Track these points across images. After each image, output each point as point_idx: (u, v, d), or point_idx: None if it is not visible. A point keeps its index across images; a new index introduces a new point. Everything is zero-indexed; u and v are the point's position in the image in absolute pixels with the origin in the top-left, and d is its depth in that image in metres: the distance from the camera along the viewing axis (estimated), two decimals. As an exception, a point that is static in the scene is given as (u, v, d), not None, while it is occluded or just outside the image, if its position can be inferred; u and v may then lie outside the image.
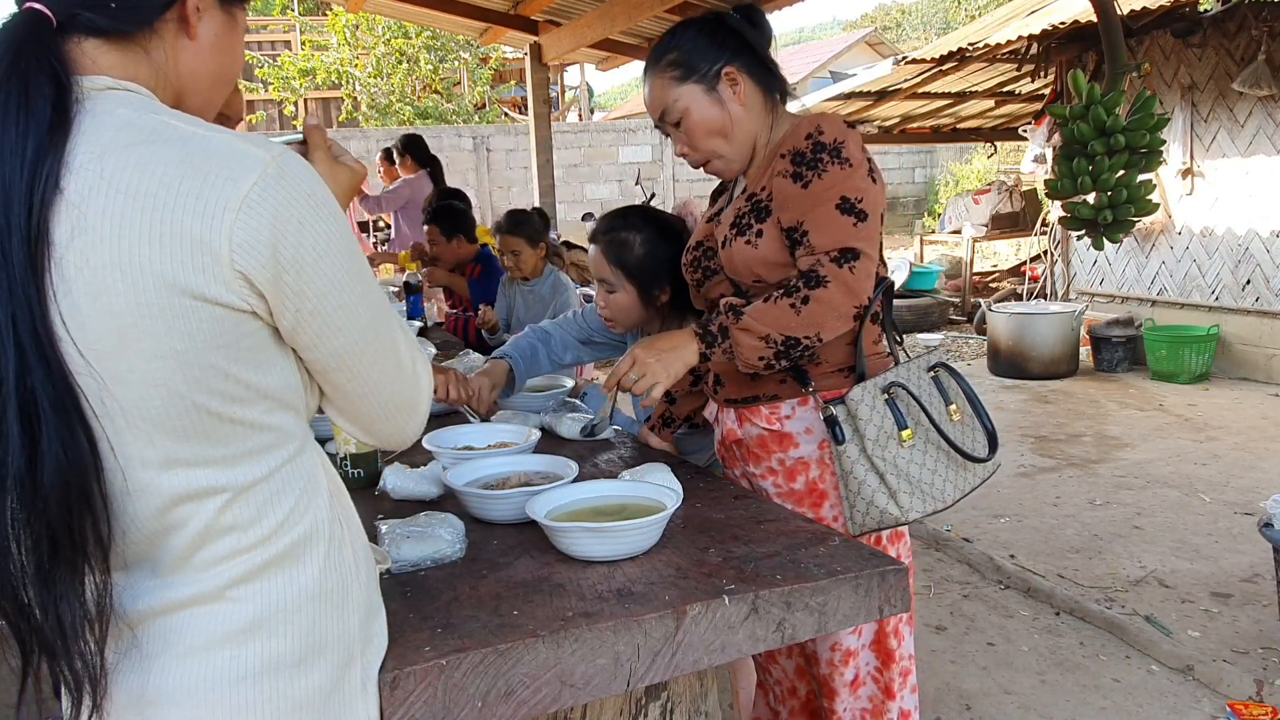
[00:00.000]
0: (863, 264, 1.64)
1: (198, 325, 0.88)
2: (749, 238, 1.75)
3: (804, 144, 1.67)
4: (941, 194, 16.56)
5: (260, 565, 0.97)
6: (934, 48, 7.61)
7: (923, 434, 1.71)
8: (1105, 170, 3.36)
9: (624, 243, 2.14)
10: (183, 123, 0.92)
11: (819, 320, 1.63)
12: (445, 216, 4.55)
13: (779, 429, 1.80)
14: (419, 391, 1.07)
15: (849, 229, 1.64)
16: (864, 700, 1.83)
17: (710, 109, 1.76)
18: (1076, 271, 7.82)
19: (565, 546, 1.42)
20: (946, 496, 1.71)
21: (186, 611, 0.95)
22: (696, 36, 1.77)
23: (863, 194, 1.65)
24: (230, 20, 1.04)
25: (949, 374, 1.79)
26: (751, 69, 1.78)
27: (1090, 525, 4.13)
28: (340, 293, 0.95)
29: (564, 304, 3.87)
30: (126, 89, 0.95)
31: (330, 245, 0.94)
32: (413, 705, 1.09)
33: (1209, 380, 6.59)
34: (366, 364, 1.00)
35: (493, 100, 19.10)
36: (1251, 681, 2.77)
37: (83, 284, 0.86)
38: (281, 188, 0.89)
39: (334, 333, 0.96)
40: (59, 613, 0.88)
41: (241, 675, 0.96)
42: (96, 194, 0.86)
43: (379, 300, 1.00)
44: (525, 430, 2.05)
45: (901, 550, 1.85)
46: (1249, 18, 5.94)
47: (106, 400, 0.89)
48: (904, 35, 32.89)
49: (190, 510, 0.94)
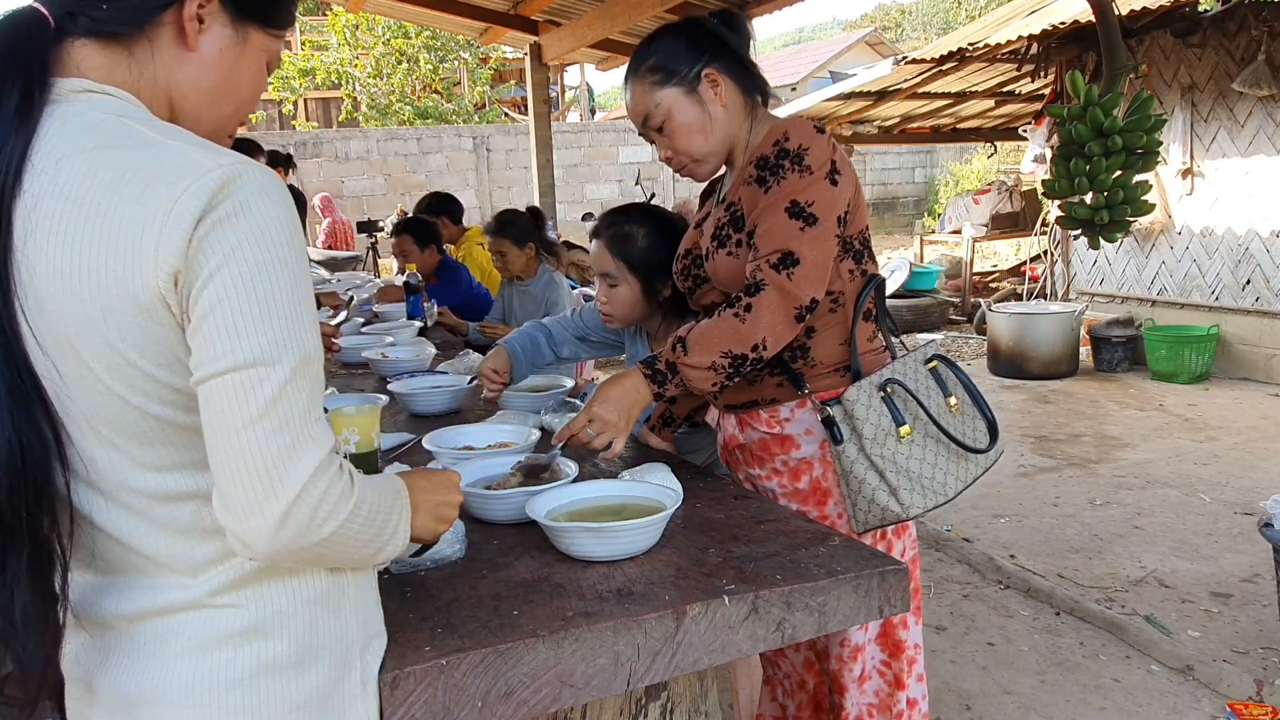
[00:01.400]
0: (803, 269, 1.63)
1: (136, 338, 0.86)
2: (730, 249, 1.77)
3: (770, 150, 1.69)
4: (941, 194, 16.57)
5: (252, 570, 0.96)
6: (934, 48, 7.60)
7: (921, 428, 1.72)
8: (1102, 171, 3.37)
9: (627, 236, 2.15)
10: (147, 129, 0.90)
11: (761, 328, 1.63)
12: (416, 228, 4.65)
13: (779, 432, 1.81)
14: (284, 469, 0.85)
15: (793, 233, 1.64)
16: (870, 695, 1.84)
17: (691, 110, 1.76)
18: (1076, 271, 7.83)
19: (565, 546, 1.42)
20: (948, 490, 1.72)
21: (182, 614, 0.95)
22: (674, 41, 1.78)
23: (815, 197, 1.65)
24: (239, 39, 1.01)
25: (947, 366, 1.79)
26: (731, 71, 1.78)
27: (1090, 525, 4.13)
28: (225, 298, 0.84)
29: (554, 301, 3.88)
30: (106, 92, 0.93)
31: (239, 249, 0.85)
32: (413, 705, 1.09)
33: (1209, 380, 6.59)
34: (224, 394, 0.85)
35: (493, 100, 19.12)
36: (1251, 681, 2.77)
37: (33, 290, 0.86)
38: (214, 190, 0.85)
39: (202, 339, 0.85)
40: (11, 599, 0.87)
41: (238, 677, 0.95)
42: (46, 198, 0.86)
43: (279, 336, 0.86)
44: (525, 430, 2.05)
45: (906, 543, 1.86)
46: (1249, 18, 5.94)
47: (66, 401, 0.89)
48: (904, 35, 32.91)
49: (169, 513, 0.94)
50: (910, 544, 1.87)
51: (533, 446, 1.93)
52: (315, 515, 0.87)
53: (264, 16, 1.04)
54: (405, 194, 14.33)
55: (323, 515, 0.87)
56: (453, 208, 5.29)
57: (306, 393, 0.88)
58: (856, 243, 1.78)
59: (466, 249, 5.17)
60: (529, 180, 8.76)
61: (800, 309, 1.65)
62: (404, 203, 13.21)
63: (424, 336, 3.81)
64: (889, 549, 1.82)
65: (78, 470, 0.92)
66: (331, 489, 0.88)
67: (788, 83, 22.45)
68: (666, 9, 5.23)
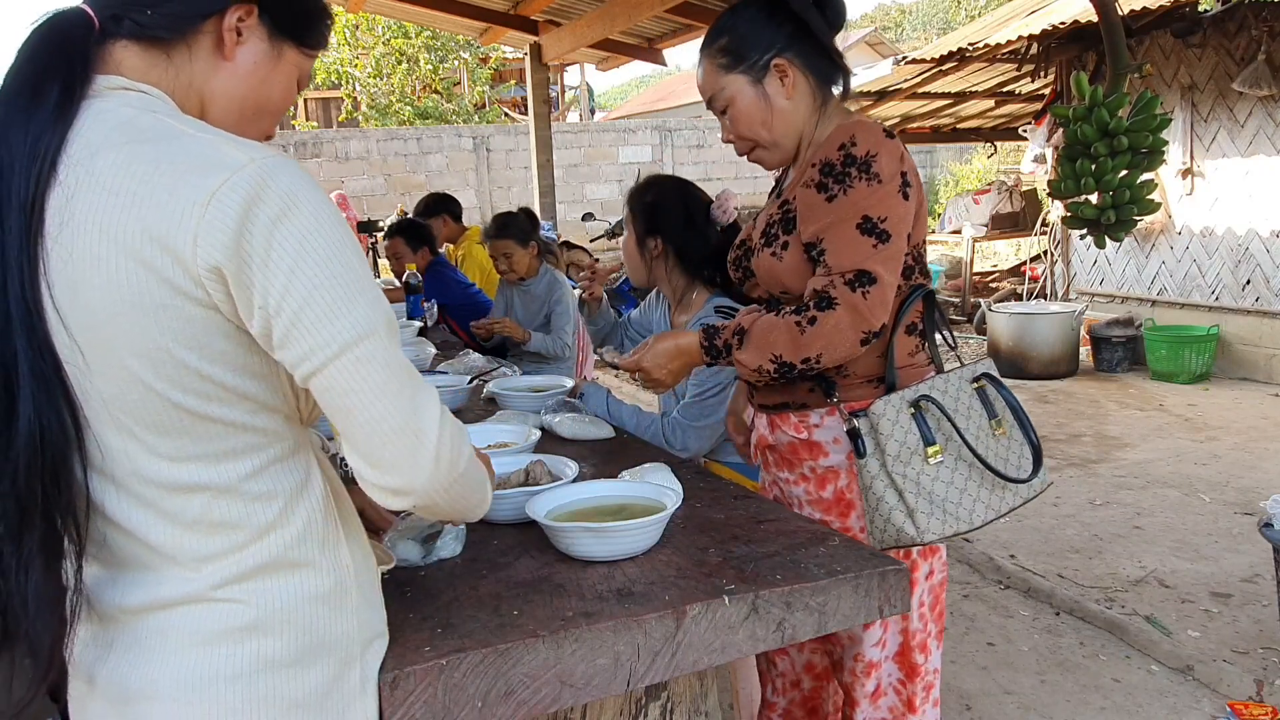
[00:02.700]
0: (878, 290, 1.56)
1: (170, 324, 0.89)
2: (774, 249, 1.71)
3: (835, 155, 1.61)
4: (941, 194, 16.55)
5: (255, 566, 0.97)
6: (934, 48, 7.61)
7: (954, 451, 1.62)
8: (1108, 171, 3.37)
9: (641, 190, 2.43)
10: (179, 123, 0.93)
11: (821, 344, 1.58)
12: (408, 230, 4.69)
13: (807, 437, 1.76)
14: (420, 418, 0.94)
15: (867, 251, 1.57)
16: (884, 711, 1.80)
17: (755, 101, 1.70)
18: (1076, 271, 7.83)
19: (565, 546, 1.42)
20: (974, 518, 1.61)
21: (183, 608, 0.96)
22: (753, 19, 1.69)
23: (888, 213, 1.57)
24: (274, 54, 1.05)
25: (995, 387, 1.69)
26: (807, 58, 1.69)
27: (1090, 525, 4.13)
28: (313, 291, 0.89)
29: (559, 301, 3.87)
30: (140, 90, 0.97)
31: (305, 244, 0.89)
32: (413, 705, 1.09)
33: (1209, 380, 6.59)
34: (346, 372, 0.91)
35: (493, 100, 19.12)
36: (1251, 681, 2.77)
37: (66, 277, 0.88)
38: (254, 186, 0.87)
39: (303, 333, 0.89)
40: (25, 579, 0.89)
41: (237, 673, 0.96)
42: (83, 189, 0.89)
43: (368, 309, 0.92)
44: (525, 430, 2.05)
45: (935, 565, 1.79)
46: (1249, 18, 5.95)
47: (87, 387, 0.91)
48: (904, 35, 32.91)
49: (179, 504, 0.95)
50: (939, 566, 1.80)
51: (533, 446, 1.93)
52: (454, 448, 0.97)
53: (300, 35, 1.08)
54: (405, 194, 14.32)
55: (458, 446, 0.98)
56: (452, 206, 5.31)
57: (399, 349, 0.96)
58: (910, 258, 1.69)
59: (466, 248, 5.17)
60: (529, 180, 8.76)
61: (868, 333, 1.58)
62: (404, 203, 13.21)
63: (424, 336, 3.81)
64: (913, 569, 1.73)
65: (93, 457, 0.94)
66: (454, 424, 0.99)
67: (788, 83, 22.41)
68: (667, 9, 5.23)
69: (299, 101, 17.10)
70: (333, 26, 1.17)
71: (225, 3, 1.00)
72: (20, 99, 0.91)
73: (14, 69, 0.94)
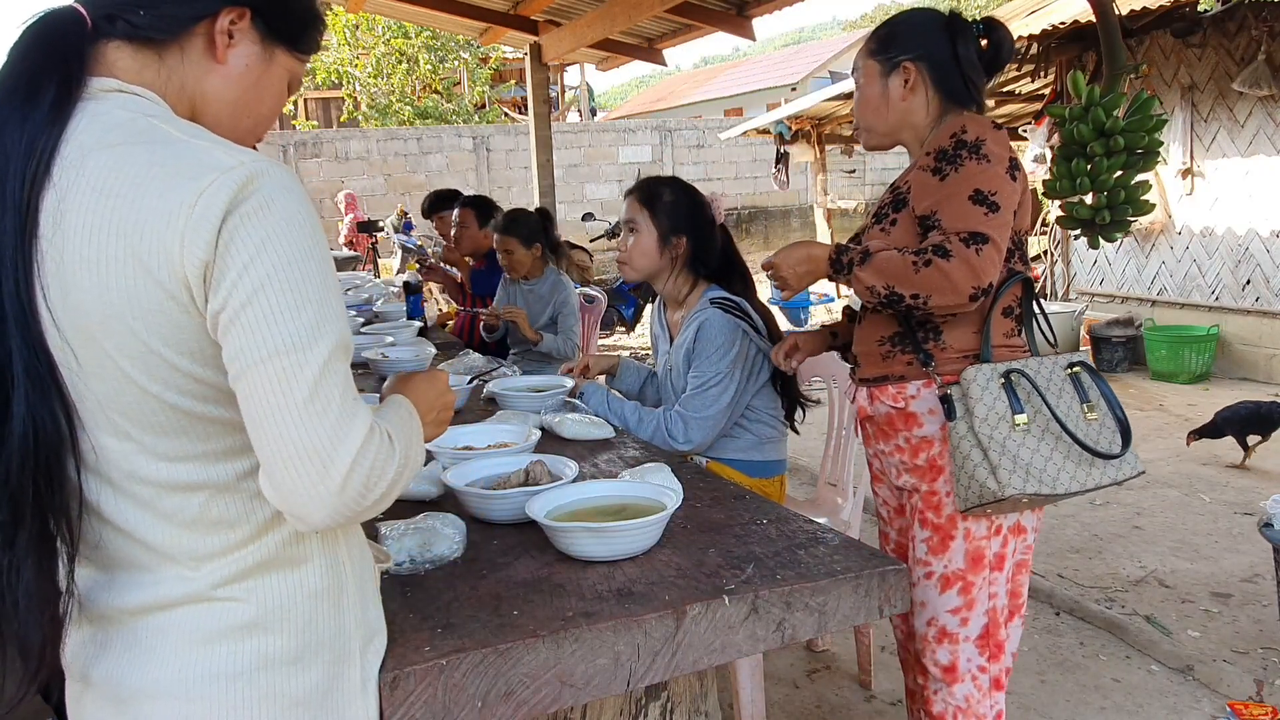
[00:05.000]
0: (989, 250, 1.65)
1: (160, 327, 0.89)
2: (883, 225, 1.85)
3: (948, 142, 1.75)
4: (941, 194, 16.54)
5: (254, 564, 0.97)
6: (934, 48, 7.59)
7: (1041, 423, 1.71)
8: (1104, 171, 3.36)
9: (656, 190, 2.51)
10: (171, 127, 0.93)
11: (931, 285, 1.66)
12: (482, 205, 4.60)
13: (904, 408, 1.84)
14: (334, 448, 0.87)
15: (979, 217, 1.68)
16: (958, 699, 1.88)
17: (878, 87, 1.88)
18: (1076, 271, 7.83)
19: (565, 546, 1.42)
20: (1058, 485, 1.68)
21: (182, 608, 0.96)
22: (912, 23, 1.87)
23: (997, 188, 1.69)
24: (265, 57, 1.05)
25: (1090, 375, 1.79)
26: (939, 73, 1.84)
27: (1090, 525, 4.13)
28: (259, 290, 0.87)
29: (563, 303, 3.87)
30: (134, 92, 0.96)
31: (268, 242, 0.87)
32: (413, 705, 1.09)
33: (1209, 380, 6.59)
34: (267, 382, 0.87)
35: (493, 100, 19.12)
36: (1251, 681, 2.77)
37: (58, 279, 0.88)
38: (239, 185, 0.87)
39: (240, 330, 0.87)
40: (16, 579, 0.89)
41: (237, 671, 0.96)
42: (74, 191, 0.89)
43: (313, 321, 0.89)
44: (525, 430, 2.05)
45: (1019, 545, 1.83)
46: (1249, 18, 5.94)
47: (81, 388, 0.91)
48: (904, 35, 32.77)
49: (177, 503, 0.95)
50: (1023, 548, 1.85)
51: (533, 446, 1.93)
52: (367, 483, 0.90)
53: (292, 39, 1.08)
54: (405, 194, 14.33)
55: (373, 481, 0.91)
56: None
57: (343, 375, 0.91)
58: (1011, 243, 1.79)
59: None
60: (529, 180, 8.76)
61: (978, 289, 1.66)
62: (404, 203, 13.21)
63: (424, 336, 3.81)
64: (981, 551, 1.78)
65: (87, 458, 0.94)
66: (378, 456, 0.91)
67: (788, 83, 22.45)
68: (666, 9, 5.23)
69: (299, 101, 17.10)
70: (325, 30, 1.17)
71: (218, 5, 1.00)
72: (16, 98, 0.91)
73: (8, 68, 0.94)
